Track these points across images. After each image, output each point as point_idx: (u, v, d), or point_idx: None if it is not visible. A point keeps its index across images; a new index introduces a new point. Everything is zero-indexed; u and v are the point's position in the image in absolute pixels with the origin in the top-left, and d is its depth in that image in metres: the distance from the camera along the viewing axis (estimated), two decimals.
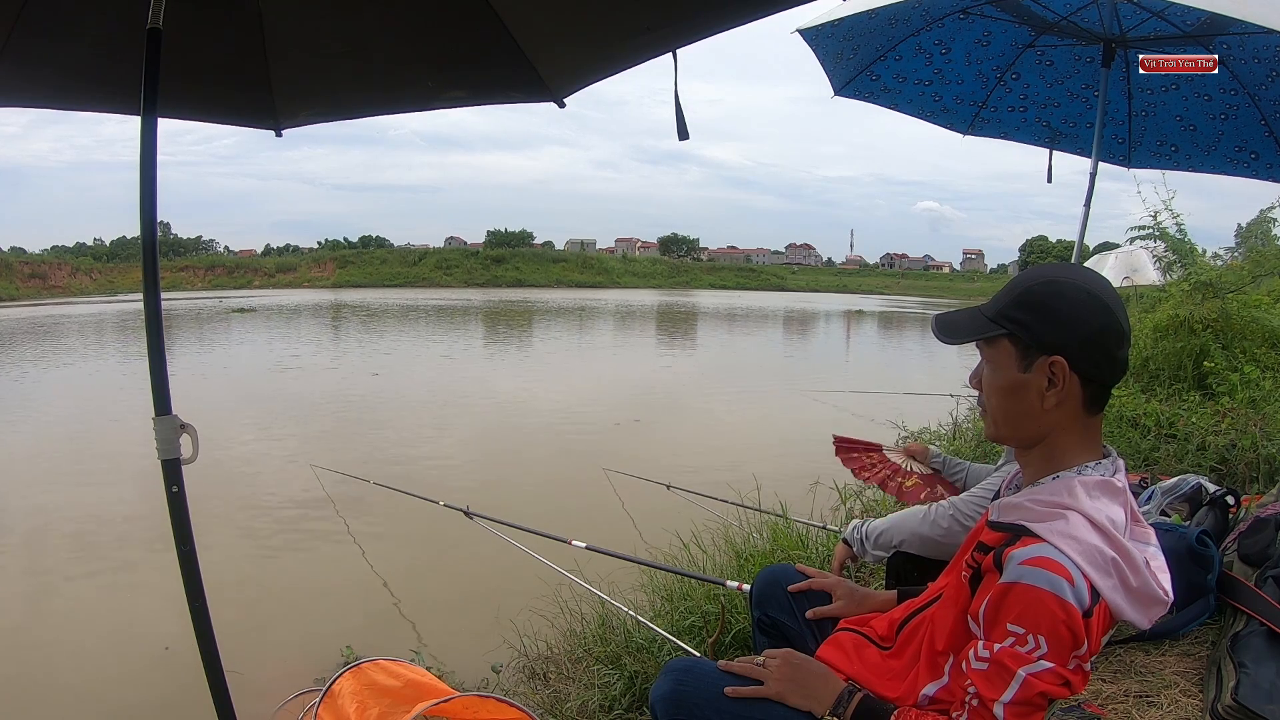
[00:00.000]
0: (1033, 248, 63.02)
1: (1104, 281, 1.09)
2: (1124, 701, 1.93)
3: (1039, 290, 1.07)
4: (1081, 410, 1.07)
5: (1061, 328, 1.04)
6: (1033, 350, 1.06)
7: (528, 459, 7.16)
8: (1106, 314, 1.05)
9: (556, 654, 2.84)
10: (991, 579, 1.04)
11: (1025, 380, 1.07)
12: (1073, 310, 1.05)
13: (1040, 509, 1.04)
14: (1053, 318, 1.05)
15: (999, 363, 1.10)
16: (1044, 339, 1.05)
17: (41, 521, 5.24)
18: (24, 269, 49.50)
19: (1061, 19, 2.93)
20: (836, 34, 3.00)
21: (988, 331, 1.10)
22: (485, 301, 38.69)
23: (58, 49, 1.78)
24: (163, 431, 1.48)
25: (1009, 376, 1.08)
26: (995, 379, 1.11)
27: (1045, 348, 1.05)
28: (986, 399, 1.13)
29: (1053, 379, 1.05)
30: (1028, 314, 1.07)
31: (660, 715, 1.18)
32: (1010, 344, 1.08)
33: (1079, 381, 1.05)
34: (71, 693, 3.13)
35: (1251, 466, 3.61)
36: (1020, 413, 1.08)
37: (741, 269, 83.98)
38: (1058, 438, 1.08)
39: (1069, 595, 0.95)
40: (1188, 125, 3.16)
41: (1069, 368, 1.04)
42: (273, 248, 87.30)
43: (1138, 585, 1.00)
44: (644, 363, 15.61)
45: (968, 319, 1.14)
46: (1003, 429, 1.12)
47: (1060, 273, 1.10)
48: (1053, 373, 1.05)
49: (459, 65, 1.91)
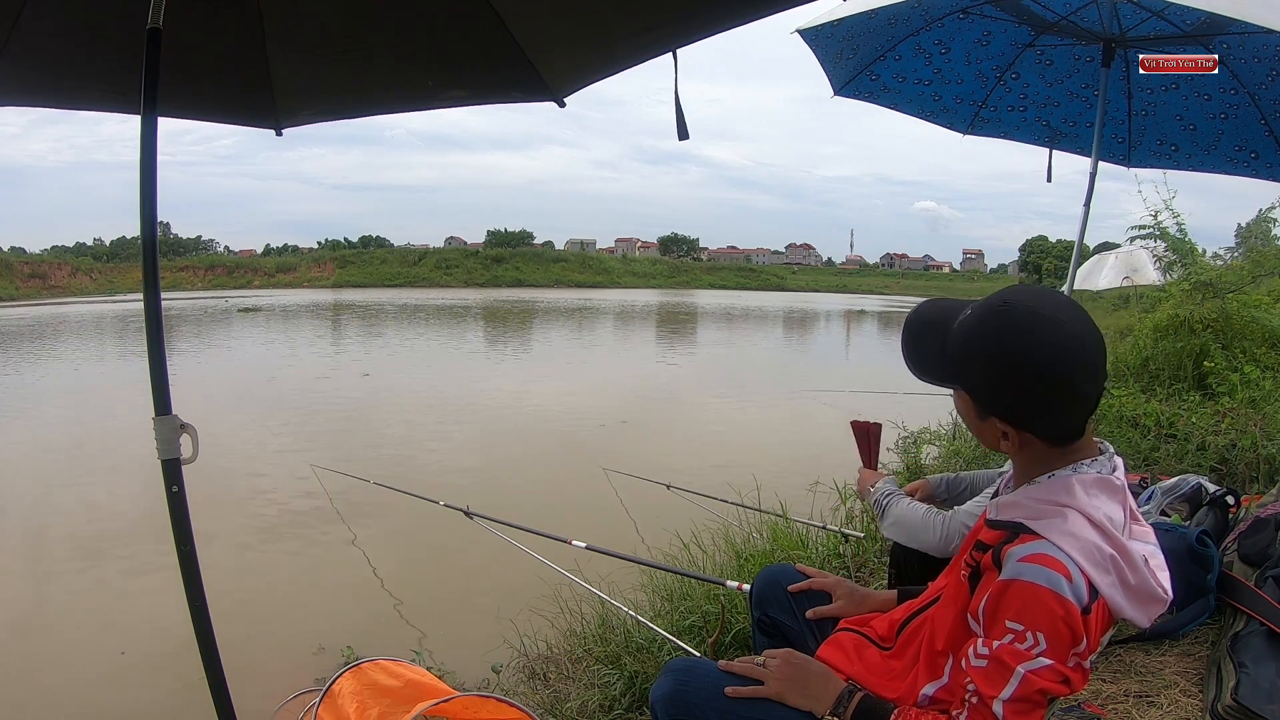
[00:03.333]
0: (1033, 247, 63.01)
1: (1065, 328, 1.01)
2: (1124, 701, 1.93)
3: (983, 356, 1.05)
4: (1045, 448, 1.07)
5: (1004, 398, 1.06)
6: (983, 408, 1.09)
7: (528, 459, 7.15)
8: (1051, 372, 1.00)
9: (556, 654, 2.84)
10: (990, 577, 1.04)
11: (985, 426, 1.10)
12: (1015, 380, 1.03)
13: (1038, 506, 1.04)
14: (995, 387, 1.06)
15: (961, 405, 1.14)
16: (987, 403, 1.08)
17: (41, 521, 5.24)
18: (24, 269, 49.53)
19: (1061, 19, 2.93)
20: (836, 34, 3.00)
21: (946, 383, 1.14)
22: (485, 301, 38.69)
23: (58, 49, 1.78)
24: (163, 431, 1.48)
25: (971, 419, 1.13)
26: (962, 413, 1.16)
27: (991, 410, 1.08)
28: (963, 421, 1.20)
29: (1005, 435, 1.08)
30: (974, 378, 1.08)
31: (661, 715, 1.18)
32: (967, 394, 1.11)
33: (1030, 434, 1.07)
34: (71, 693, 3.13)
35: (1251, 466, 3.61)
36: (991, 443, 1.13)
37: (741, 269, 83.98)
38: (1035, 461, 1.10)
39: (1067, 592, 0.95)
40: (1188, 125, 3.15)
41: (1014, 429, 1.07)
42: (272, 248, 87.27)
43: (1136, 583, 1.00)
44: (644, 362, 15.60)
45: (933, 362, 1.14)
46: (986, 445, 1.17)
47: (1007, 333, 1.03)
48: (1003, 428, 1.08)
49: (459, 65, 1.91)
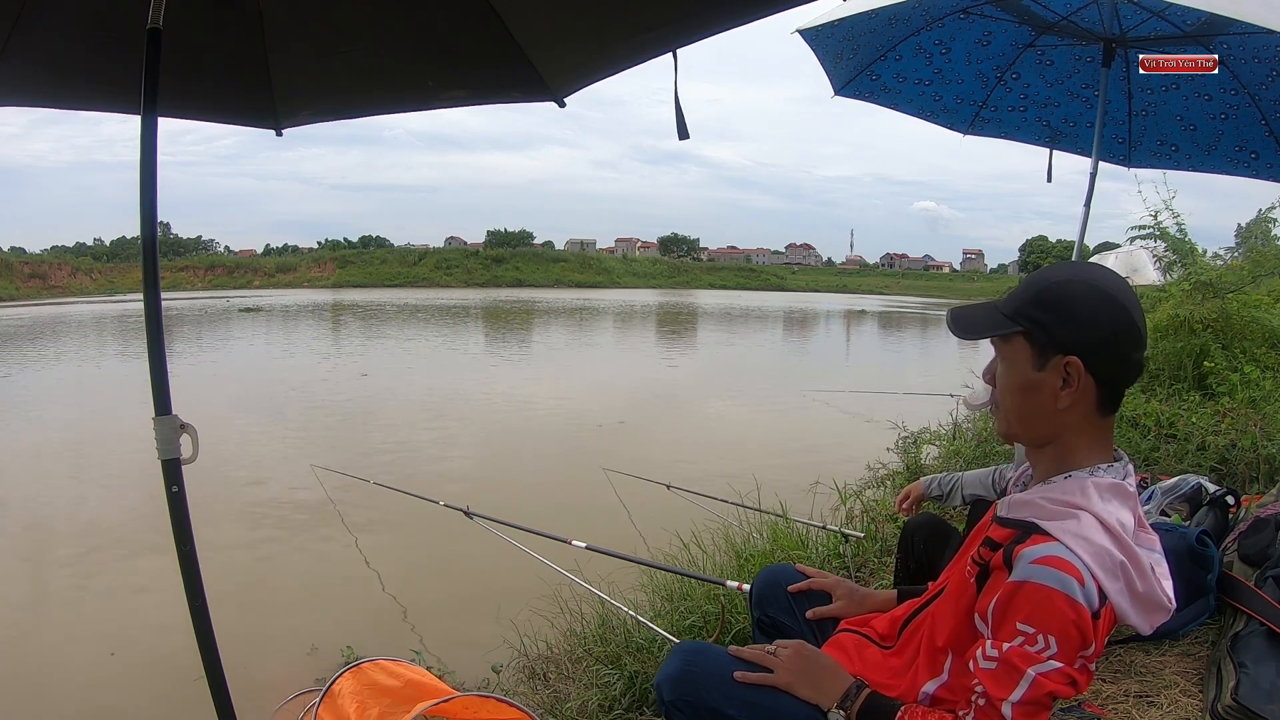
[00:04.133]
0: (1032, 247, 63.01)
1: (1122, 282, 1.07)
2: (1124, 701, 1.93)
3: (1056, 289, 1.06)
4: (1094, 411, 1.06)
5: (1078, 328, 1.04)
6: (1049, 349, 1.05)
7: (528, 459, 7.15)
8: (1124, 316, 1.03)
9: (556, 654, 2.84)
10: (1000, 576, 1.03)
11: (1040, 379, 1.06)
12: (1090, 311, 1.03)
13: (1052, 507, 1.03)
14: (1069, 318, 1.04)
15: (1014, 360, 1.09)
16: (1060, 338, 1.04)
17: (41, 521, 5.24)
18: (24, 269, 49.52)
19: (1062, 19, 2.93)
20: (836, 34, 3.00)
21: (1004, 328, 1.09)
22: (485, 301, 38.68)
23: (58, 49, 1.77)
24: (163, 431, 1.47)
25: (1024, 374, 1.08)
26: (1010, 376, 1.10)
27: (1061, 347, 1.04)
28: (1000, 396, 1.12)
29: (1067, 379, 1.04)
30: (1044, 312, 1.05)
31: (665, 694, 1.16)
32: (1026, 342, 1.07)
33: (1093, 382, 1.04)
34: (71, 692, 3.13)
35: (1251, 466, 3.61)
36: (1034, 411, 1.08)
37: (741, 269, 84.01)
38: (1070, 438, 1.08)
39: (1079, 595, 0.95)
40: (1188, 125, 3.15)
41: (1084, 368, 1.03)
42: (272, 248, 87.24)
43: (1144, 591, 1.00)
44: (644, 362, 15.60)
45: (984, 315, 1.12)
46: (1015, 427, 1.12)
47: (1079, 272, 1.08)
48: (1068, 372, 1.04)
49: (459, 64, 1.91)
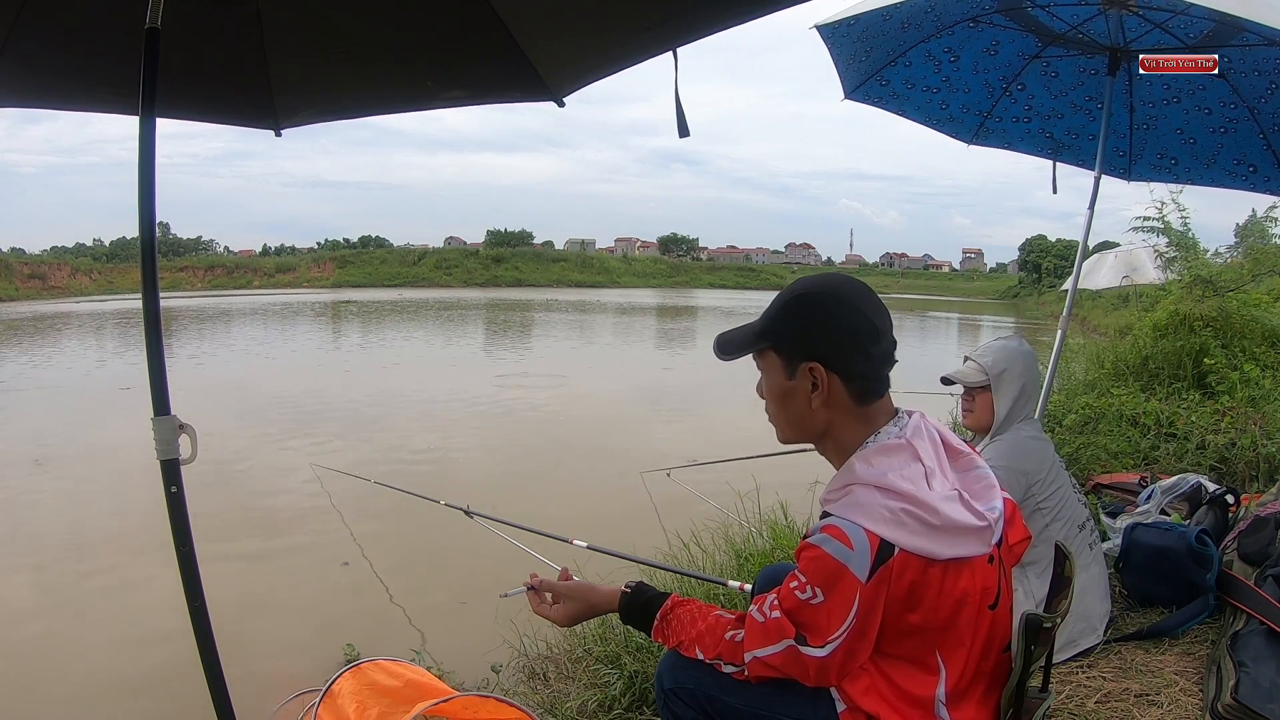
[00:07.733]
0: (1032, 247, 62.88)
1: (858, 285, 1.17)
2: (1124, 700, 1.93)
3: (795, 302, 1.17)
4: (851, 404, 1.15)
5: (815, 335, 1.14)
6: (794, 358, 1.15)
7: (528, 458, 7.15)
8: (856, 315, 1.13)
9: (556, 654, 2.84)
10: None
11: (792, 386, 1.16)
12: (824, 317, 1.14)
13: (833, 494, 1.11)
14: (805, 326, 1.15)
15: (770, 372, 1.20)
16: (801, 347, 1.15)
17: (40, 521, 5.24)
18: (23, 269, 49.30)
19: (1069, 29, 2.93)
20: (852, 34, 2.97)
21: (756, 345, 1.20)
22: (485, 301, 38.67)
23: (57, 49, 1.77)
24: (161, 432, 1.47)
25: (779, 384, 1.18)
26: (769, 387, 1.21)
27: (804, 355, 1.14)
28: (767, 407, 1.23)
29: (815, 382, 1.14)
30: (786, 325, 1.17)
31: (665, 682, 1.23)
32: (775, 355, 1.18)
33: (840, 380, 1.13)
34: (71, 693, 3.13)
35: (1251, 465, 3.62)
36: (796, 416, 1.18)
37: (741, 268, 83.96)
38: (838, 431, 1.16)
39: (844, 557, 1.02)
40: (1188, 139, 3.17)
41: (825, 370, 1.13)
42: (271, 248, 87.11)
43: (941, 523, 1.04)
44: (644, 360, 15.62)
45: (741, 335, 1.22)
46: (788, 431, 1.22)
47: (814, 283, 1.19)
48: (814, 377, 1.14)
49: (459, 64, 1.91)
